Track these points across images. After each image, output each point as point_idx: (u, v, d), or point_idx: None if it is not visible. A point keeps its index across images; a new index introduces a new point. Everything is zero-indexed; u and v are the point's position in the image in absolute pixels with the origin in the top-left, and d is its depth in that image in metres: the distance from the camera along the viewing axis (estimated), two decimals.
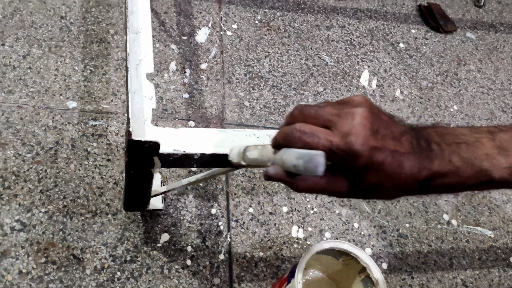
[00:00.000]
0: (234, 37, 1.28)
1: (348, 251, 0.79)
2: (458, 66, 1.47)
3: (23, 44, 1.07)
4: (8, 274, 0.78)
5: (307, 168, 0.40)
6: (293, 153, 0.41)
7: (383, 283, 0.76)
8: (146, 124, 0.65)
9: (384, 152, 0.40)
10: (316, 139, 0.40)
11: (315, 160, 0.39)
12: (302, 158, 0.40)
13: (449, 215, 1.11)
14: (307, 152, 0.40)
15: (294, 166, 0.41)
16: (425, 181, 0.41)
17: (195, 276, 0.86)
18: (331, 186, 0.43)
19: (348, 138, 0.39)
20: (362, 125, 0.39)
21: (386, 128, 0.41)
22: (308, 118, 0.42)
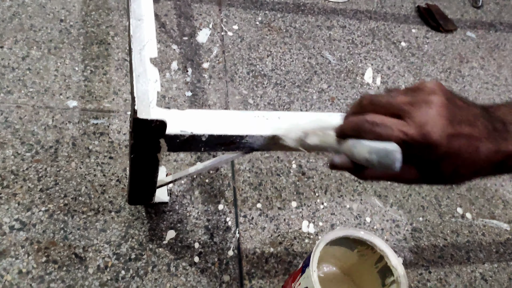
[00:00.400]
0: (235, 37, 1.27)
1: (363, 239, 0.75)
2: (460, 64, 1.46)
3: (22, 46, 1.05)
4: (7, 274, 0.74)
5: (382, 164, 0.38)
6: (365, 147, 0.39)
7: (402, 269, 0.73)
8: (152, 105, 0.62)
9: (460, 139, 0.38)
10: (389, 130, 0.38)
11: (392, 157, 0.37)
12: (376, 153, 0.38)
13: (462, 208, 1.07)
14: (382, 147, 0.38)
15: (366, 160, 0.39)
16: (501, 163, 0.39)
17: (203, 273, 0.82)
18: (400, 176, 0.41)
19: (425, 129, 0.37)
20: (439, 114, 0.37)
21: (461, 113, 0.38)
22: (379, 108, 0.40)
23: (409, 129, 0.37)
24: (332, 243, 0.77)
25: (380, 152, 0.38)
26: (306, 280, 0.71)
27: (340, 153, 0.44)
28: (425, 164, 0.40)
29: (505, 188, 1.15)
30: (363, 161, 0.40)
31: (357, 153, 0.40)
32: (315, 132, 0.51)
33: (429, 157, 0.38)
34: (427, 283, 0.92)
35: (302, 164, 1.04)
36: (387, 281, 0.76)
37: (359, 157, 0.40)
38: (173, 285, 0.79)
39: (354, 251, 0.81)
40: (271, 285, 0.84)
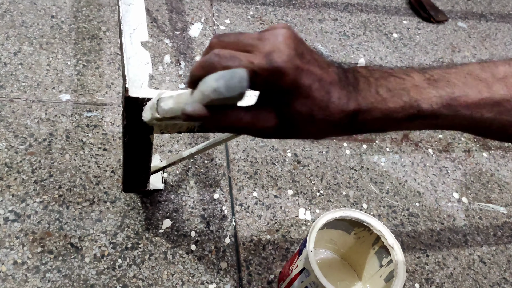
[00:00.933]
0: (227, 31, 1.27)
1: (360, 220, 0.75)
2: (452, 53, 1.47)
3: (13, 42, 1.05)
4: (2, 265, 0.73)
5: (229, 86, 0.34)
6: (211, 77, 0.35)
7: (399, 248, 0.72)
8: (143, 86, 0.62)
9: (310, 76, 0.36)
10: (236, 61, 0.35)
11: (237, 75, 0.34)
12: (223, 77, 0.34)
13: (459, 193, 1.07)
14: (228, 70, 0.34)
15: (214, 90, 0.34)
16: (354, 115, 0.38)
17: (200, 261, 0.82)
18: (257, 121, 0.38)
19: (271, 55, 0.35)
20: (286, 44, 0.35)
21: (311, 55, 0.37)
22: (228, 45, 0.38)
23: (256, 58, 0.35)
24: (329, 226, 0.77)
25: (226, 75, 0.34)
26: (303, 261, 0.70)
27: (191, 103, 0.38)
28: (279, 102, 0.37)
29: (501, 172, 1.15)
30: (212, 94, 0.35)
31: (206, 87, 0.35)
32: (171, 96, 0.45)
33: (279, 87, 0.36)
34: (425, 266, 0.92)
35: (298, 153, 1.04)
36: (384, 261, 0.76)
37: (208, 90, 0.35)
38: (170, 273, 0.79)
39: (351, 233, 0.81)
40: (269, 271, 0.84)
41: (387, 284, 0.75)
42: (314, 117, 0.37)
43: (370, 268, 0.81)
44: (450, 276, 0.92)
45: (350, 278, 0.85)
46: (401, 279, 0.70)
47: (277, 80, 0.35)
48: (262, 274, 0.83)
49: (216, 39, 0.38)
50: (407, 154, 1.12)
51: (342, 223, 0.79)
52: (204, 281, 0.79)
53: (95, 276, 0.75)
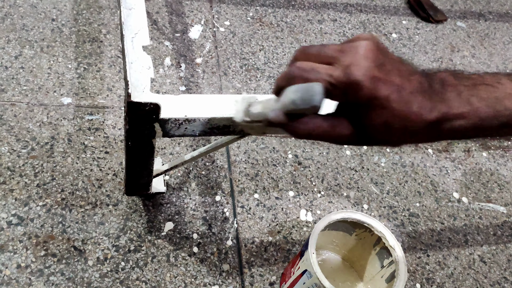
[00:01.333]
0: (227, 32, 1.27)
1: (361, 221, 0.76)
2: (452, 53, 1.48)
3: (14, 45, 1.05)
4: (6, 268, 0.74)
5: (304, 99, 0.37)
6: (291, 89, 0.38)
7: (400, 249, 0.73)
8: (145, 91, 0.62)
9: (388, 87, 0.36)
10: (316, 74, 0.37)
11: (311, 89, 0.37)
12: (299, 90, 0.37)
13: (458, 193, 1.08)
14: (305, 84, 0.37)
15: (292, 102, 0.38)
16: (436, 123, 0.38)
17: (203, 263, 0.82)
18: (333, 129, 0.40)
19: (349, 69, 0.36)
20: (365, 56, 0.36)
21: (393, 64, 0.38)
22: (311, 57, 0.39)
23: (335, 71, 0.37)
24: (330, 228, 0.78)
25: (303, 88, 0.37)
26: (305, 263, 0.71)
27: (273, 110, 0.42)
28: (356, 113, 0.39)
29: (500, 172, 1.16)
30: (290, 104, 0.38)
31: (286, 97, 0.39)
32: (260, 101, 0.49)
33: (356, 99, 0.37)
34: (426, 266, 0.93)
35: (298, 154, 1.04)
36: (386, 262, 0.77)
37: (287, 101, 0.38)
38: (173, 275, 0.79)
39: (352, 235, 0.82)
40: (271, 273, 0.84)
41: (389, 285, 0.76)
42: (391, 127, 0.38)
43: (372, 269, 0.82)
44: (450, 275, 0.93)
45: (352, 279, 0.86)
46: (402, 280, 0.71)
47: (354, 93, 0.36)
48: (264, 275, 0.83)
49: (300, 51, 0.41)
50: (407, 154, 1.12)
51: (344, 224, 0.79)
52: (207, 283, 0.80)
53: (99, 279, 0.76)
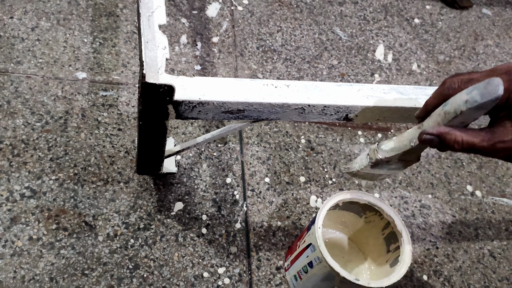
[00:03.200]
0: (245, 12, 1.25)
1: (372, 203, 0.75)
2: (475, 41, 1.43)
3: (31, 17, 1.05)
4: (18, 240, 0.75)
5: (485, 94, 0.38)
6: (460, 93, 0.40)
7: (407, 234, 0.73)
8: (160, 72, 0.62)
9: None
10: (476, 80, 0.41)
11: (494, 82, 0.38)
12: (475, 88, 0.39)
13: (472, 186, 1.06)
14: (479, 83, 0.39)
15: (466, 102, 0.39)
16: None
17: (211, 244, 0.83)
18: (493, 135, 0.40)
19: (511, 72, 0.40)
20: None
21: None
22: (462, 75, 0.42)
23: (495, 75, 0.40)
24: (341, 208, 0.78)
25: (480, 85, 0.39)
26: (311, 236, 0.71)
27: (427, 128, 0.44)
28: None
29: None
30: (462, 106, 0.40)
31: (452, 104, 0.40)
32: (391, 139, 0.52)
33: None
34: (434, 258, 0.92)
35: (311, 139, 1.03)
36: (392, 247, 0.77)
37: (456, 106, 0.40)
38: (181, 255, 0.80)
39: (361, 217, 0.81)
40: (278, 257, 0.84)
41: (392, 269, 0.76)
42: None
43: (378, 252, 0.82)
44: (458, 269, 0.92)
45: (357, 260, 0.86)
46: (405, 265, 0.71)
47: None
48: (271, 260, 0.84)
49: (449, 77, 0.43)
50: None
51: (354, 206, 0.79)
52: (214, 265, 0.81)
53: (108, 254, 0.77)
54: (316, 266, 0.70)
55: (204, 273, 0.79)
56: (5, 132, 0.86)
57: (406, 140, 0.48)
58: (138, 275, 0.76)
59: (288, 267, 0.81)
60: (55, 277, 0.73)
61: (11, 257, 0.73)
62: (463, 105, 0.40)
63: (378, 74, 1.23)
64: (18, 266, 0.72)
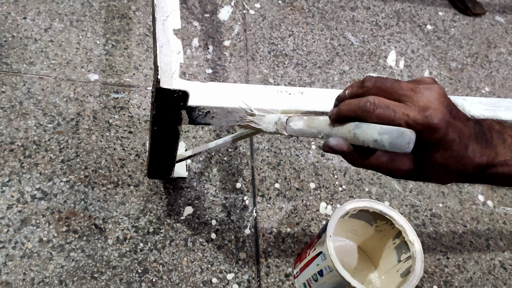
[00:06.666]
0: (257, 15, 1.25)
1: (383, 212, 0.75)
2: (488, 49, 1.42)
3: (44, 18, 1.05)
4: (28, 242, 0.75)
5: (394, 144, 0.37)
6: (373, 128, 0.38)
7: (419, 245, 0.72)
8: (174, 77, 0.61)
9: (455, 131, 0.38)
10: (391, 112, 0.38)
11: (406, 137, 0.37)
12: (389, 134, 0.37)
13: (484, 196, 1.05)
14: (395, 128, 0.37)
15: (375, 141, 0.38)
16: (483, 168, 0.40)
17: (220, 249, 0.82)
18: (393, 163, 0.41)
19: (427, 112, 0.37)
20: (440, 101, 0.38)
21: (456, 110, 0.40)
22: (382, 91, 0.40)
23: (412, 111, 0.38)
24: (351, 216, 0.77)
25: (393, 133, 0.37)
26: (321, 245, 0.71)
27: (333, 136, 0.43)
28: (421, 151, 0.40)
29: None
30: (370, 143, 0.39)
31: (363, 134, 0.39)
32: (300, 116, 0.50)
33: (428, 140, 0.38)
34: (445, 268, 0.91)
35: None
36: (403, 257, 0.76)
37: (365, 138, 0.39)
38: (190, 260, 0.80)
39: (372, 225, 0.81)
40: (287, 264, 0.84)
41: (403, 280, 0.75)
42: (449, 168, 0.40)
43: (388, 261, 0.81)
44: (469, 280, 0.91)
45: (367, 269, 0.85)
46: (417, 275, 0.70)
47: (428, 135, 0.38)
48: (280, 266, 0.83)
49: (371, 82, 0.41)
50: None
51: (365, 214, 0.78)
52: (223, 270, 0.80)
53: (117, 258, 0.77)
54: (327, 275, 0.70)
55: (213, 279, 0.79)
56: (17, 133, 0.86)
57: (315, 129, 0.46)
58: (147, 280, 0.76)
59: (297, 274, 0.81)
60: (65, 280, 0.73)
61: (21, 259, 0.73)
62: (371, 143, 0.38)
63: None
64: (28, 268, 0.72)
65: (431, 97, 0.38)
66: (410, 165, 0.41)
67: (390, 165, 0.41)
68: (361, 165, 0.42)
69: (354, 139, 0.40)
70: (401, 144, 0.37)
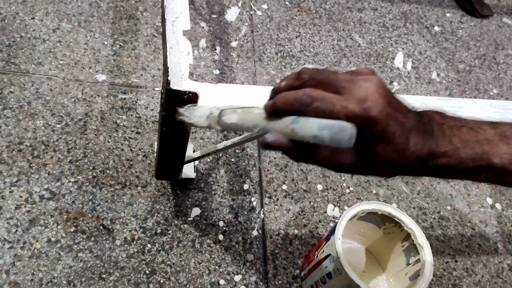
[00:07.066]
0: (264, 16, 1.25)
1: (392, 215, 0.74)
2: (496, 51, 1.41)
3: (53, 18, 1.05)
4: (36, 242, 0.75)
5: (335, 140, 0.35)
6: (312, 122, 0.36)
7: (428, 248, 0.71)
8: (184, 78, 0.61)
9: (396, 124, 0.37)
10: (330, 105, 0.36)
11: (348, 132, 0.35)
12: (329, 129, 0.35)
13: (492, 198, 1.04)
14: (335, 122, 0.35)
15: (315, 137, 0.36)
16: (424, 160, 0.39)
17: (227, 251, 0.82)
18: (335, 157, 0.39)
19: (366, 104, 0.36)
20: (378, 93, 0.37)
21: (396, 102, 0.39)
22: (319, 83, 0.38)
23: (350, 104, 0.36)
24: (359, 218, 0.77)
25: (334, 128, 0.35)
26: (330, 247, 0.70)
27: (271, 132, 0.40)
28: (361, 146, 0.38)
29: None
30: (309, 138, 0.36)
31: (302, 130, 0.36)
32: (234, 110, 0.46)
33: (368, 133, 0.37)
34: (453, 271, 0.91)
35: None
36: (412, 260, 0.75)
37: (304, 133, 0.36)
38: (197, 261, 0.80)
39: (380, 228, 0.80)
40: (295, 266, 0.84)
41: (412, 283, 0.74)
42: (391, 161, 0.38)
43: (396, 264, 0.80)
44: (477, 283, 0.91)
45: (374, 271, 0.85)
46: (426, 279, 0.69)
47: (368, 127, 0.36)
48: (288, 268, 0.83)
49: (308, 74, 0.39)
50: None
51: (373, 216, 0.78)
52: (230, 272, 0.80)
53: (125, 259, 0.77)
54: (336, 278, 0.69)
55: (220, 280, 0.79)
56: (25, 133, 0.86)
57: (250, 123, 0.43)
58: (154, 281, 0.76)
59: (305, 276, 0.80)
60: (73, 280, 0.73)
61: (29, 259, 0.73)
62: (311, 138, 0.36)
63: (397, 82, 1.22)
64: (36, 269, 0.72)
65: (370, 89, 0.37)
66: (352, 158, 0.39)
67: (332, 159, 0.39)
68: (303, 160, 0.40)
69: (292, 134, 0.37)
70: (342, 139, 0.35)
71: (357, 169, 0.40)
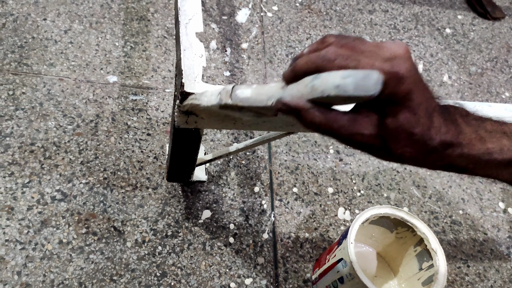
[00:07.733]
0: (275, 18, 1.24)
1: (405, 219, 0.74)
2: (508, 53, 1.40)
3: (64, 19, 1.06)
4: (48, 243, 0.75)
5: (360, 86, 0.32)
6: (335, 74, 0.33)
7: (442, 254, 0.70)
8: (197, 80, 0.61)
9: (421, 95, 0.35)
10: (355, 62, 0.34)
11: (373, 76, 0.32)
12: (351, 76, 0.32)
13: (505, 203, 1.03)
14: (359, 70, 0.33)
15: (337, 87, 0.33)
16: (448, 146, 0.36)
17: (238, 254, 0.82)
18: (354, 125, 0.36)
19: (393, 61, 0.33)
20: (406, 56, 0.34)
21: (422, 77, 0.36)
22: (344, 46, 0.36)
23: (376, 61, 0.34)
24: (371, 222, 0.76)
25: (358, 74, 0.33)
26: (342, 251, 0.70)
27: None
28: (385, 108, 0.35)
29: None
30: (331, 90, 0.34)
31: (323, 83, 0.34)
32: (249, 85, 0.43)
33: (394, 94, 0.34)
34: (465, 277, 0.90)
35: (340, 150, 1.02)
36: (425, 265, 0.75)
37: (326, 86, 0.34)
38: (208, 264, 0.79)
39: (393, 232, 0.79)
40: (306, 270, 0.83)
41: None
42: (414, 135, 0.35)
43: (409, 269, 0.80)
44: None
45: (386, 276, 0.84)
46: (440, 285, 0.69)
47: (394, 86, 0.34)
48: (299, 272, 0.83)
49: (332, 38, 0.37)
50: None
51: (386, 220, 0.77)
52: (241, 275, 0.80)
53: (136, 261, 0.77)
54: (348, 282, 0.69)
55: (231, 283, 0.78)
56: (37, 134, 0.86)
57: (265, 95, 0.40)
58: (165, 283, 0.76)
59: (316, 280, 0.80)
60: (84, 282, 0.73)
61: (41, 261, 0.73)
62: (333, 90, 0.33)
63: None
64: (48, 270, 0.73)
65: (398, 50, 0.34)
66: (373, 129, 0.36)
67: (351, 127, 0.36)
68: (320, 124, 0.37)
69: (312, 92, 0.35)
70: (367, 85, 0.32)
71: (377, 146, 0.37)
